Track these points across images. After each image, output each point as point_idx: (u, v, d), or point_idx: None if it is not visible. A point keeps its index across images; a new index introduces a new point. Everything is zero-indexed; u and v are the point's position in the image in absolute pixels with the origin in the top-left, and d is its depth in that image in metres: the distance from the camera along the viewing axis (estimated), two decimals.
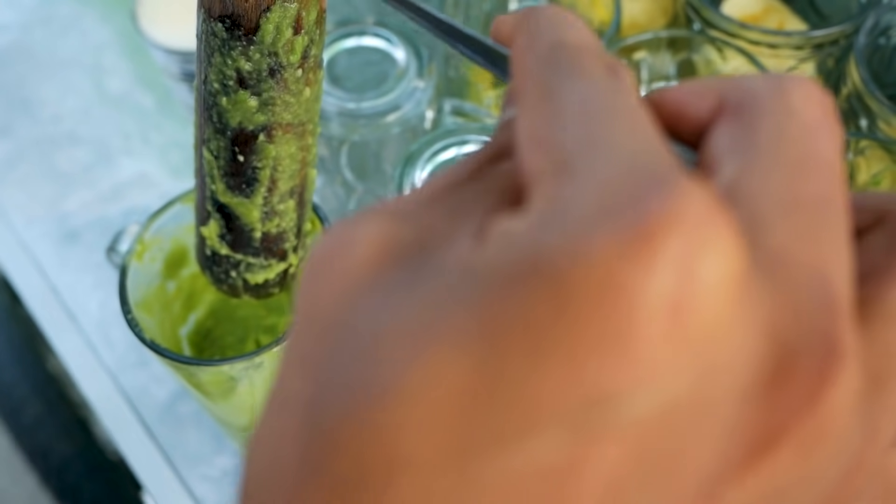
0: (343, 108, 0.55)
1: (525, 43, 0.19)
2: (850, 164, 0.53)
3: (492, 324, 0.15)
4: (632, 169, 0.16)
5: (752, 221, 0.17)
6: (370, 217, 0.18)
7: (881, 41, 0.57)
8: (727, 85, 0.19)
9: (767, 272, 0.16)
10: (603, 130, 0.17)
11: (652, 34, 0.57)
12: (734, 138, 0.18)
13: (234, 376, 0.47)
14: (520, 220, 0.16)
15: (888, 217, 0.19)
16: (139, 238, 0.50)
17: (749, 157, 0.17)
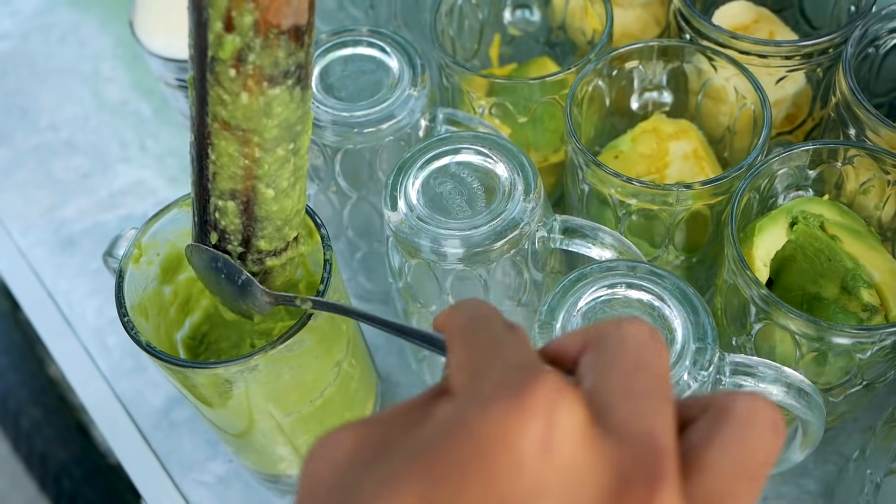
0: (337, 116, 0.55)
1: (454, 319, 0.30)
2: (839, 172, 0.54)
3: (432, 468, 0.24)
4: (515, 368, 0.25)
5: (601, 408, 0.25)
6: (349, 426, 0.27)
7: (870, 51, 0.57)
8: (589, 331, 0.29)
9: (610, 432, 0.25)
10: (500, 351, 0.27)
11: (643, 43, 0.58)
12: (590, 360, 0.28)
13: (230, 379, 0.48)
14: (449, 405, 0.25)
15: (708, 408, 0.27)
16: (136, 242, 0.51)
17: (598, 370, 0.27)
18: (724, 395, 0.27)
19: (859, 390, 0.52)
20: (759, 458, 0.26)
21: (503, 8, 0.66)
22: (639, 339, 0.27)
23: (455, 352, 0.28)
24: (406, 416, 0.27)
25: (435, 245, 0.49)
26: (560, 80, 0.57)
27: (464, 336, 0.28)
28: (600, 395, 0.26)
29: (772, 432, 0.26)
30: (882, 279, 0.52)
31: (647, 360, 0.27)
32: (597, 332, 0.28)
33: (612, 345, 0.27)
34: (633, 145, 0.61)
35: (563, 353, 0.29)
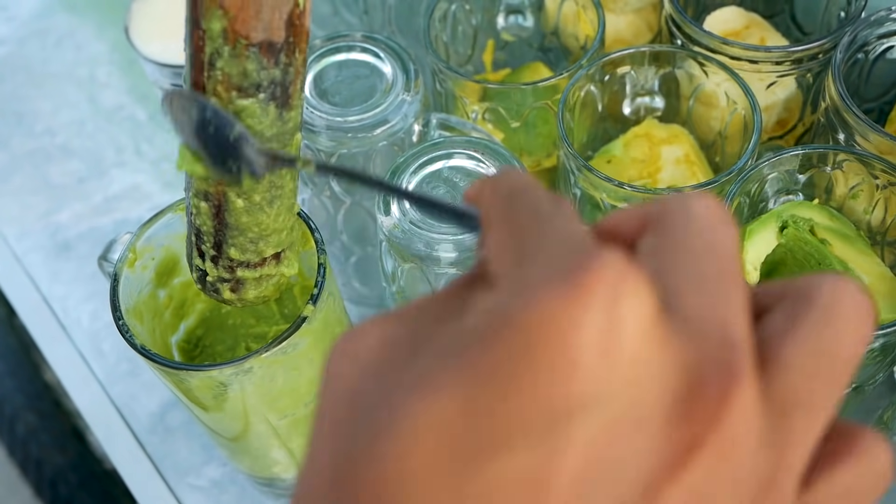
0: (331, 121, 0.56)
1: (490, 192, 0.26)
2: (828, 176, 0.54)
3: (474, 369, 0.20)
4: (568, 249, 0.21)
5: (668, 295, 0.22)
6: (373, 321, 0.24)
7: (859, 56, 0.58)
8: (648, 207, 0.25)
9: (679, 323, 0.22)
10: (548, 230, 0.23)
11: (634, 49, 0.58)
12: (653, 241, 0.24)
13: (224, 382, 0.48)
14: (491, 294, 0.22)
15: (785, 296, 0.24)
16: (131, 246, 0.51)
17: (663, 252, 0.23)
18: (805, 280, 0.24)
19: (849, 393, 0.53)
20: (845, 352, 0.23)
21: (496, 14, 0.67)
22: (708, 217, 0.24)
23: (494, 229, 0.24)
24: (439, 309, 0.24)
25: (428, 249, 0.50)
26: (552, 85, 0.57)
27: (504, 210, 0.24)
28: (667, 280, 0.23)
29: (859, 321, 0.23)
30: (870, 282, 0.52)
31: (717, 240, 0.23)
32: (660, 209, 0.25)
33: (677, 223, 0.24)
34: (625, 150, 0.61)
35: (620, 231, 0.25)
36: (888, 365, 0.51)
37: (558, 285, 0.20)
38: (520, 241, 0.23)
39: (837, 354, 0.23)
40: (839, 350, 0.23)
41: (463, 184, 0.53)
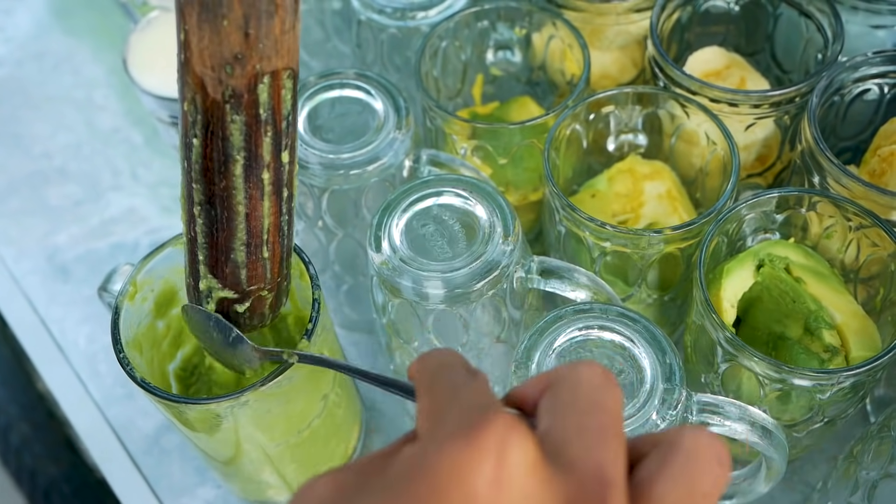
0: (324, 158, 0.57)
1: (419, 369, 0.33)
2: (804, 217, 0.56)
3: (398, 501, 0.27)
4: (470, 412, 0.28)
5: (556, 446, 0.28)
6: (332, 472, 0.30)
7: (835, 99, 0.60)
8: (548, 375, 0.31)
9: (562, 466, 0.28)
10: (458, 395, 0.30)
11: (619, 90, 0.60)
12: (548, 402, 0.30)
13: (220, 414, 0.50)
14: (412, 447, 0.29)
15: (658, 443, 0.29)
16: (132, 280, 0.53)
17: (554, 411, 0.30)
18: (672, 431, 0.30)
19: (822, 426, 0.55)
20: (705, 488, 0.28)
21: (486, 49, 0.69)
22: (592, 380, 0.30)
23: (421, 399, 0.31)
24: (379, 461, 0.30)
25: (417, 286, 0.52)
26: (539, 124, 0.59)
27: (428, 384, 0.31)
28: (555, 434, 0.29)
29: (716, 463, 0.29)
30: (843, 320, 0.55)
31: (600, 399, 0.30)
32: (554, 376, 0.31)
33: (567, 387, 0.30)
34: (609, 185, 0.63)
35: (526, 397, 0.32)
36: (859, 400, 0.53)
37: (460, 439, 0.27)
38: (437, 407, 0.30)
39: (697, 489, 0.28)
40: (699, 485, 0.28)
41: (452, 222, 0.55)
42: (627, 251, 0.55)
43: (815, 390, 0.50)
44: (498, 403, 0.29)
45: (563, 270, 0.54)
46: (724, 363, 0.53)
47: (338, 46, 0.78)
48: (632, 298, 0.60)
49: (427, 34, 0.64)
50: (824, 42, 0.62)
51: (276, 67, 0.40)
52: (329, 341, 0.55)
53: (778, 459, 0.51)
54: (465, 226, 0.54)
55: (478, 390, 0.30)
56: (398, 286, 0.52)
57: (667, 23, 0.65)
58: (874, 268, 0.56)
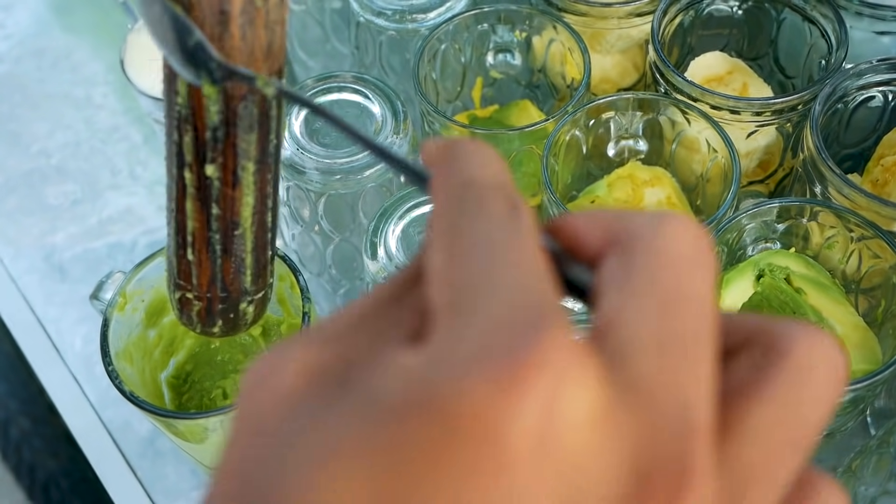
0: (320, 163, 0.57)
1: (442, 176, 0.23)
2: (805, 227, 0.56)
3: (386, 448, 0.18)
4: (513, 312, 0.19)
5: (622, 353, 0.19)
6: (298, 343, 0.21)
7: (839, 106, 0.59)
8: (614, 220, 0.22)
9: (631, 401, 0.19)
10: (495, 270, 0.20)
11: (619, 96, 0.59)
12: (615, 273, 0.21)
13: (210, 427, 0.49)
14: (416, 357, 0.19)
15: (754, 340, 0.21)
16: (121, 291, 0.52)
17: (625, 294, 0.20)
18: (780, 326, 0.21)
19: (821, 439, 0.54)
20: (814, 419, 0.21)
21: (485, 52, 0.68)
22: (683, 248, 0.21)
23: (437, 241, 0.21)
24: (371, 327, 0.21)
25: None
26: (538, 130, 0.59)
27: (451, 222, 0.21)
28: (623, 336, 0.20)
29: (833, 383, 0.21)
30: (844, 333, 0.54)
31: (690, 283, 0.20)
32: (629, 227, 0.22)
33: (646, 256, 0.21)
34: (609, 191, 0.63)
35: (583, 239, 0.22)
36: (859, 414, 0.53)
37: (494, 366, 0.18)
38: (460, 275, 0.20)
39: (806, 422, 0.20)
40: (808, 417, 0.20)
41: None
42: None
43: None
44: (554, 301, 0.20)
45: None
46: None
47: (337, 47, 0.77)
48: None
49: (426, 37, 0.63)
50: (828, 48, 0.61)
51: None
52: None
53: None
54: None
55: (524, 260, 0.20)
56: None
57: (669, 27, 0.64)
58: (875, 279, 0.55)
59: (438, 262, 0.21)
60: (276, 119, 0.39)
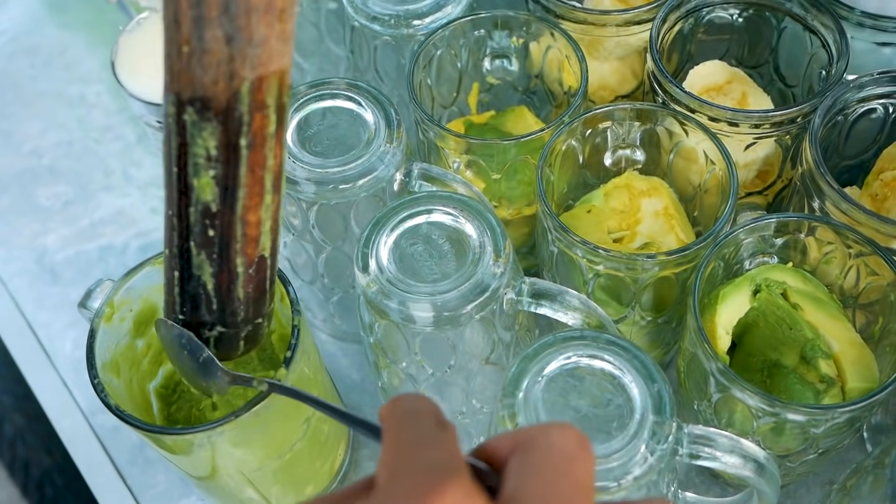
0: (312, 173, 0.56)
1: (389, 413, 0.31)
2: (802, 242, 0.55)
3: None
4: (430, 471, 0.27)
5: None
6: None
7: (839, 119, 0.58)
8: (518, 433, 0.30)
9: None
10: (421, 453, 0.29)
11: (616, 106, 0.58)
12: (516, 466, 0.29)
13: (196, 443, 0.48)
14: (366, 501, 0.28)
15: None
16: (108, 301, 0.52)
17: (521, 475, 0.29)
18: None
19: (816, 457, 0.54)
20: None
21: (482, 58, 0.67)
22: (565, 447, 0.29)
23: (385, 447, 0.30)
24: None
25: (404, 308, 0.50)
26: (534, 139, 0.58)
27: (394, 433, 0.30)
28: (518, 500, 0.28)
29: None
30: (840, 349, 0.53)
31: (570, 468, 0.29)
32: (526, 436, 0.30)
33: (537, 450, 0.29)
34: (605, 200, 0.62)
35: (496, 452, 0.30)
36: (854, 432, 0.52)
37: (412, 502, 0.26)
38: (398, 460, 0.29)
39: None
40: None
41: (441, 241, 0.54)
42: (621, 274, 0.54)
43: (810, 424, 0.49)
44: (461, 466, 0.28)
45: (554, 293, 0.53)
46: (716, 393, 0.51)
47: (332, 48, 0.77)
48: (625, 320, 0.58)
49: (422, 42, 0.63)
50: (829, 58, 0.60)
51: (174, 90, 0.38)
52: (312, 366, 0.54)
53: (770, 492, 0.50)
54: (454, 246, 0.53)
55: (443, 447, 0.29)
56: (385, 308, 0.51)
57: (668, 34, 0.63)
58: (873, 295, 0.54)
59: (383, 456, 0.29)
60: None
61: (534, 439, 0.30)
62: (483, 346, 0.55)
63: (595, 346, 0.48)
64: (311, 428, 0.55)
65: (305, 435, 0.55)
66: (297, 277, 0.66)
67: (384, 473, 0.29)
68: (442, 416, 0.31)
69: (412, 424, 0.30)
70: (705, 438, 0.48)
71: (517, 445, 0.30)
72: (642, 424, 0.46)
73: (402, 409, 0.31)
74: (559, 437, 0.29)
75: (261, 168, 0.40)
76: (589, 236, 0.56)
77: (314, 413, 0.55)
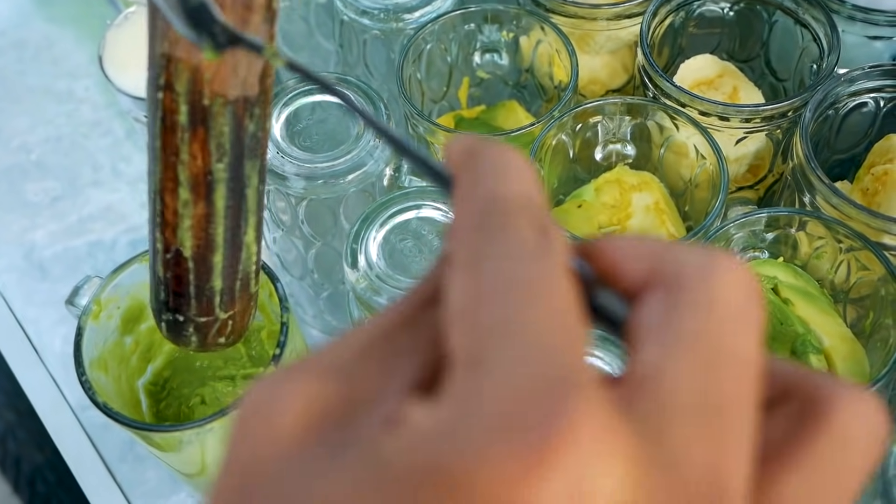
0: (301, 168, 0.56)
1: (465, 187, 0.20)
2: (792, 237, 0.55)
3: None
4: (540, 374, 0.17)
5: (658, 420, 0.18)
6: (298, 374, 0.19)
7: (829, 113, 0.58)
8: (661, 255, 0.20)
9: (665, 470, 0.17)
10: (521, 317, 0.18)
11: (606, 101, 0.58)
12: (659, 318, 0.19)
13: (184, 439, 0.48)
14: (430, 415, 0.17)
15: (793, 394, 0.20)
16: (96, 298, 0.51)
17: (666, 347, 0.19)
18: (821, 385, 0.20)
19: None
20: (851, 488, 0.19)
21: (472, 52, 0.67)
22: (733, 302, 0.19)
23: (456, 271, 0.19)
24: (379, 362, 0.19)
25: None
26: (524, 134, 0.58)
27: (473, 249, 0.19)
28: (662, 396, 0.18)
29: (874, 452, 0.20)
30: (831, 345, 0.53)
31: (738, 343, 0.19)
32: (676, 267, 0.20)
33: (694, 306, 0.19)
34: (596, 195, 0.62)
35: (621, 269, 0.20)
36: None
37: (517, 441, 0.16)
38: (484, 323, 0.18)
39: (842, 493, 0.19)
40: (845, 487, 0.19)
41: (431, 237, 0.53)
42: None
43: None
44: (582, 363, 0.18)
45: None
46: None
47: (321, 43, 0.76)
48: None
49: (411, 37, 0.62)
50: (820, 52, 0.60)
51: None
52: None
53: None
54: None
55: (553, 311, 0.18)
56: (374, 304, 0.51)
57: (659, 28, 0.63)
58: (864, 290, 0.54)
59: (458, 300, 0.19)
60: None
61: (687, 278, 0.19)
62: None
63: None
64: None
65: None
66: (286, 273, 0.66)
67: (464, 335, 0.18)
68: (541, 208, 0.20)
69: (501, 236, 0.19)
70: None
71: (659, 276, 0.20)
72: None
73: (485, 188, 0.20)
74: (727, 287, 0.19)
75: (173, 154, 0.39)
76: (579, 231, 0.56)
77: None
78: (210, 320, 0.43)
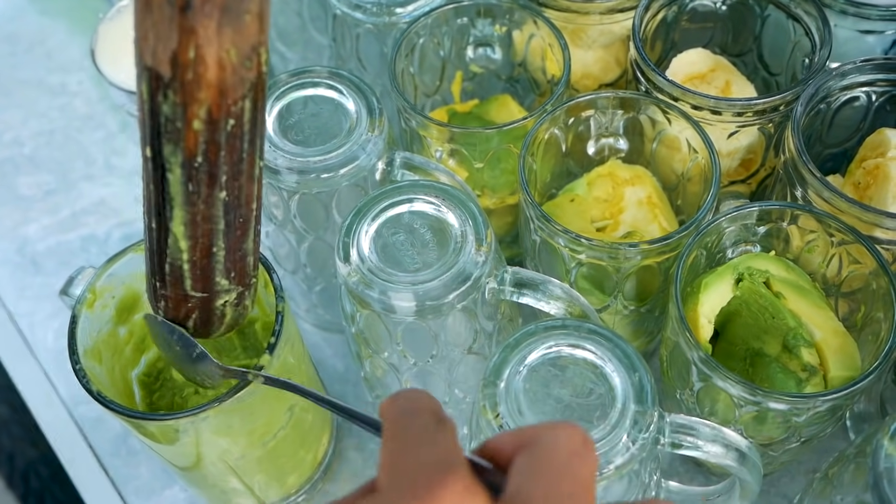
0: (293, 162, 0.56)
1: (390, 410, 0.32)
2: (784, 231, 0.55)
3: None
4: (431, 466, 0.28)
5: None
6: None
7: (821, 107, 0.58)
8: (523, 432, 0.31)
9: None
10: (422, 450, 0.29)
11: (598, 95, 0.58)
12: (521, 463, 0.30)
13: (179, 429, 0.48)
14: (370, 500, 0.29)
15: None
16: (90, 287, 0.51)
17: (526, 473, 0.29)
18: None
19: (798, 445, 0.54)
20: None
21: (465, 46, 0.67)
22: (570, 445, 0.30)
23: (385, 446, 0.30)
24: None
25: (385, 298, 0.50)
26: (517, 128, 0.58)
27: (393, 430, 0.31)
28: (522, 497, 0.28)
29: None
30: (823, 338, 0.53)
31: (574, 467, 0.29)
32: (532, 434, 0.30)
33: (542, 449, 0.30)
34: (589, 189, 0.62)
35: (501, 450, 0.31)
36: (837, 421, 0.52)
37: (413, 498, 0.27)
38: (398, 459, 0.29)
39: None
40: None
41: (423, 230, 0.53)
42: (603, 263, 0.54)
43: (792, 413, 0.49)
44: (460, 461, 0.29)
45: (536, 282, 0.53)
46: (698, 382, 0.51)
47: (314, 37, 0.76)
48: (608, 309, 0.58)
49: (404, 31, 0.62)
50: (812, 46, 0.60)
51: None
52: (296, 351, 0.54)
53: (752, 481, 0.50)
54: (436, 235, 0.53)
55: (442, 443, 0.29)
56: (366, 298, 0.51)
57: (651, 22, 0.63)
58: (856, 283, 0.54)
59: (384, 455, 0.30)
60: None
61: (539, 438, 0.30)
62: (465, 335, 0.55)
63: (577, 336, 0.48)
64: (294, 416, 0.55)
65: (289, 423, 0.55)
66: (279, 267, 0.66)
67: (384, 474, 0.29)
68: (441, 412, 0.31)
69: (411, 422, 0.30)
70: (687, 428, 0.48)
71: (522, 444, 0.30)
72: (624, 414, 0.46)
73: (401, 406, 0.32)
74: (564, 436, 0.30)
75: None
76: (572, 225, 0.56)
77: (298, 401, 0.54)
78: None
